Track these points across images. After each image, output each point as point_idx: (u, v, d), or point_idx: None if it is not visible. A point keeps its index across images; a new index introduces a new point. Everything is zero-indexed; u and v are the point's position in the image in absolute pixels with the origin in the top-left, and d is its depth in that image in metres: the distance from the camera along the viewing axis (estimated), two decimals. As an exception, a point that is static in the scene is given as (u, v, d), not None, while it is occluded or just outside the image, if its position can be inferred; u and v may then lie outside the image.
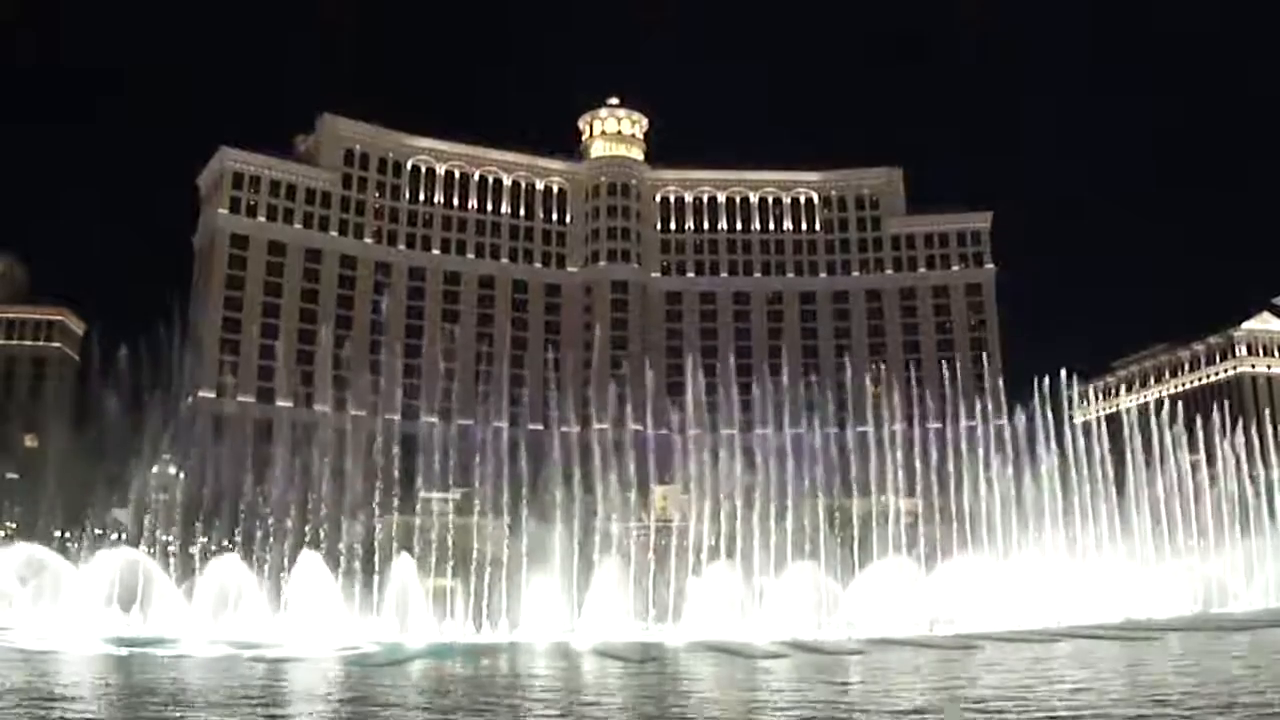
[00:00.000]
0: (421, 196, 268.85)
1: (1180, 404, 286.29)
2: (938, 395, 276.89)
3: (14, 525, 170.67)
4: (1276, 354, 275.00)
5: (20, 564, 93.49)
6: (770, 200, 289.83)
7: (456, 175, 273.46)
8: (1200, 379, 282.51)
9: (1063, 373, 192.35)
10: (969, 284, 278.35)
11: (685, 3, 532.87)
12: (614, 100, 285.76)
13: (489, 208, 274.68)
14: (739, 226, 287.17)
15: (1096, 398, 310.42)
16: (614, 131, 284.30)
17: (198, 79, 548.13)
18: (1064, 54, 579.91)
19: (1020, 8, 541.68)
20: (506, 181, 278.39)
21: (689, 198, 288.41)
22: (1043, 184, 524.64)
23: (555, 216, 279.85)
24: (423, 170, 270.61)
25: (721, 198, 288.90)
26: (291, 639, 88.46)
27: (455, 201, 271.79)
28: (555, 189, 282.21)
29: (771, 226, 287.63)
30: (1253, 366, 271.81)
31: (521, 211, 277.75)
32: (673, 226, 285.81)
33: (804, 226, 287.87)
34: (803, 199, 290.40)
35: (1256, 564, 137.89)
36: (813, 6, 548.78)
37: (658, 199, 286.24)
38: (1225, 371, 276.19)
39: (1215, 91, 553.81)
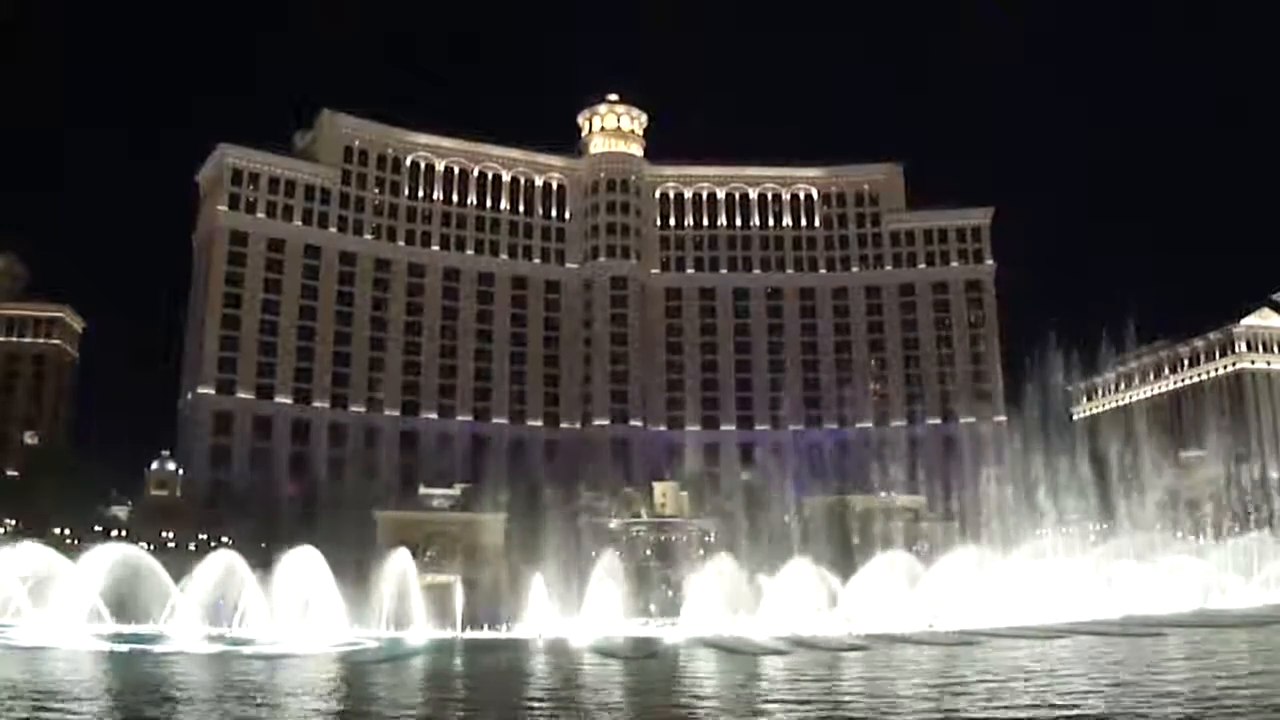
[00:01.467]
0: (421, 193, 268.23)
1: (1180, 400, 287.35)
2: (937, 392, 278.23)
3: (14, 522, 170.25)
4: (1276, 350, 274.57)
5: (20, 563, 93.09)
6: (770, 196, 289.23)
7: (456, 171, 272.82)
8: (1200, 375, 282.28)
9: (1062, 369, 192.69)
10: (969, 280, 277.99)
11: (685, 1, 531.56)
12: (613, 96, 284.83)
13: (488, 204, 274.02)
14: (738, 223, 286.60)
15: (1096, 394, 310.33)
16: (613, 128, 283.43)
17: (198, 78, 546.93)
18: (1065, 52, 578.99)
19: (1022, 7, 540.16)
20: (506, 178, 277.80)
21: (688, 194, 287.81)
22: (1043, 181, 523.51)
23: (555, 213, 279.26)
24: (422, 166, 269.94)
25: (721, 194, 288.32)
26: (289, 635, 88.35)
27: (455, 198, 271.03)
28: (555, 185, 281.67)
29: (771, 223, 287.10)
30: (1252, 362, 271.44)
31: (521, 208, 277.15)
32: (672, 222, 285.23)
33: (803, 223, 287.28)
34: (802, 195, 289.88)
35: (1256, 559, 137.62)
36: (814, 3, 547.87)
37: (657, 195, 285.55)
38: (1225, 368, 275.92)
39: (1216, 89, 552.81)
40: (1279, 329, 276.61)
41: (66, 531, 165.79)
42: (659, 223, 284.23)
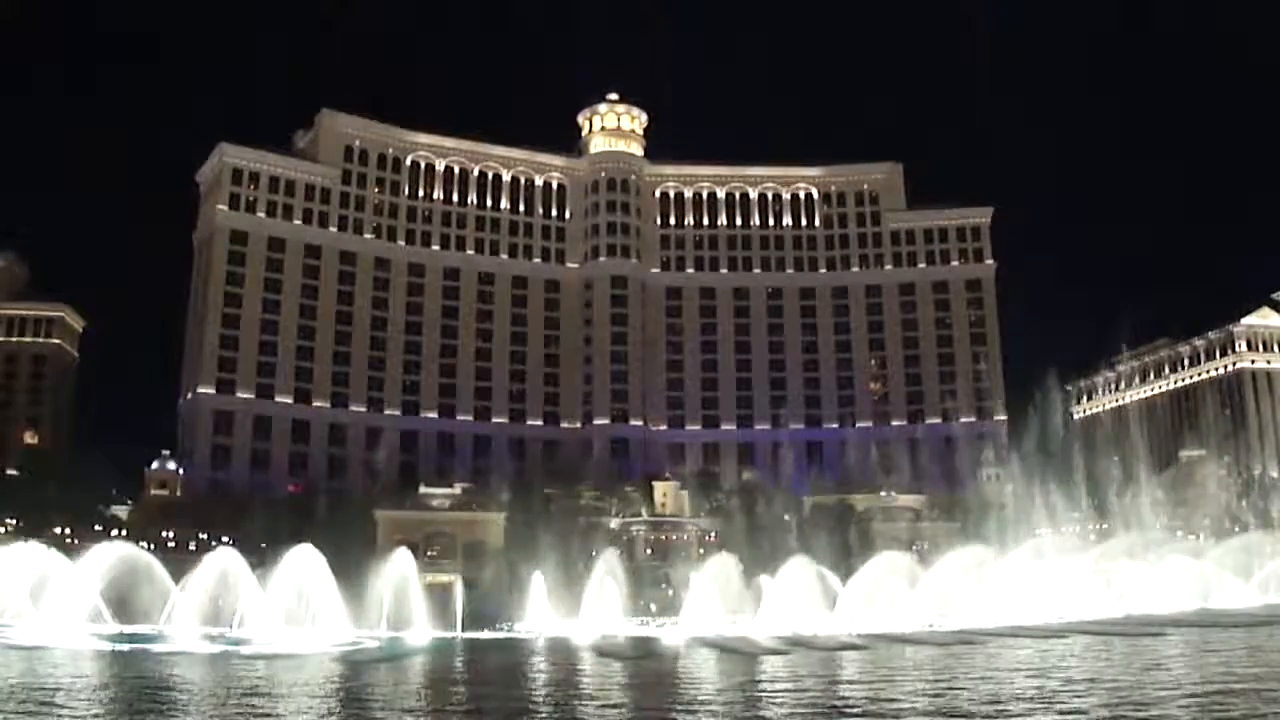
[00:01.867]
0: (421, 192, 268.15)
1: (1180, 400, 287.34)
2: (937, 391, 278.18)
3: (14, 522, 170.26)
4: (1276, 350, 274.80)
5: (20, 565, 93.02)
6: (770, 196, 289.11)
7: (456, 171, 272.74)
8: (1200, 374, 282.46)
9: (1063, 369, 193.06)
10: (969, 280, 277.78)
11: (685, 1, 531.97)
12: (613, 95, 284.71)
13: (489, 203, 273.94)
14: (738, 222, 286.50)
15: (1096, 393, 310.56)
16: (613, 127, 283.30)
17: (197, 77, 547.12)
18: (1065, 52, 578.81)
19: (1021, 6, 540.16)
20: (506, 177, 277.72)
21: (688, 193, 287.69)
22: (1043, 180, 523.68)
23: (555, 212, 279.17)
24: (422, 166, 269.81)
25: (721, 193, 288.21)
26: (289, 635, 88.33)
27: (455, 197, 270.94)
28: (555, 185, 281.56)
29: (771, 222, 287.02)
30: (1252, 362, 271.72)
31: (521, 207, 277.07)
32: (672, 222, 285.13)
33: (804, 222, 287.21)
34: (802, 194, 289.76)
35: (1255, 559, 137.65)
36: (813, 3, 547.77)
37: (657, 194, 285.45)
38: (1225, 367, 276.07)
39: (1216, 88, 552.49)
40: (1279, 329, 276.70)
41: (66, 531, 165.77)
42: (659, 222, 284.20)
